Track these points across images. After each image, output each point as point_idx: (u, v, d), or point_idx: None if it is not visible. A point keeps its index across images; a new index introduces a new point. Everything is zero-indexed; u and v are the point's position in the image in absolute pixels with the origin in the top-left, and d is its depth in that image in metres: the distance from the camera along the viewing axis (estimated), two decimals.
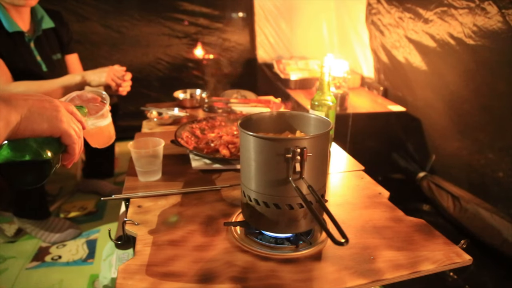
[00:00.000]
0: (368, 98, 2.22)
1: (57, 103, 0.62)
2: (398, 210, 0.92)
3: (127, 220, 0.86)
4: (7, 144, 0.57)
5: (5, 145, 0.57)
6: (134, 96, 1.80)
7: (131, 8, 2.78)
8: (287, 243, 0.78)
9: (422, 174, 1.91)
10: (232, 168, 1.13)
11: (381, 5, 2.09)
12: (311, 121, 0.83)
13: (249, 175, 0.74)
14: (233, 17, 3.06)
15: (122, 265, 0.71)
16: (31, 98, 0.59)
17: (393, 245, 0.78)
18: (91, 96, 0.90)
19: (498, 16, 1.32)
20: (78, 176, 2.24)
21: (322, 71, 1.11)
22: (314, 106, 1.16)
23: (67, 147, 0.64)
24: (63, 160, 0.66)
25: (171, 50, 2.95)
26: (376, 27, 2.18)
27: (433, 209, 1.82)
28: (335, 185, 1.07)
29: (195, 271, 0.70)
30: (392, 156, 2.11)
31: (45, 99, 0.61)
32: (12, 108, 0.55)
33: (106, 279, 1.32)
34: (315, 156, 0.71)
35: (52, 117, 0.60)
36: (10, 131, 0.54)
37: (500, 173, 1.45)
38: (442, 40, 1.64)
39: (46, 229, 1.75)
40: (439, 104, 1.76)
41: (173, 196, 0.98)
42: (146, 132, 1.50)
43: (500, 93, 1.43)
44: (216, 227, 0.84)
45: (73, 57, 1.89)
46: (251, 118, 0.83)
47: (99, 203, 2.07)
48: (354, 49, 2.52)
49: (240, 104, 1.79)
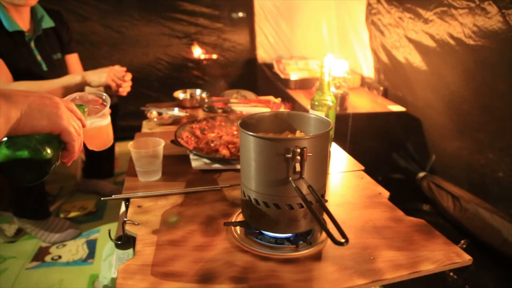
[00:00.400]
0: (368, 98, 2.22)
1: (57, 100, 0.62)
2: (398, 210, 0.92)
3: (127, 220, 0.86)
4: (7, 141, 0.57)
5: (5, 141, 0.57)
6: (134, 96, 1.80)
7: (131, 8, 2.78)
8: (287, 243, 0.78)
9: (422, 174, 1.91)
10: (232, 168, 1.13)
11: (381, 5, 2.09)
12: (311, 121, 0.83)
13: (249, 175, 0.74)
14: (233, 17, 3.06)
15: (122, 265, 0.71)
16: (31, 94, 0.59)
17: (393, 245, 0.78)
18: (92, 98, 0.91)
19: (498, 16, 1.32)
20: (78, 176, 2.24)
21: (322, 71, 1.11)
22: (314, 106, 1.16)
23: (67, 144, 0.64)
24: (62, 157, 0.66)
25: (171, 50, 2.95)
26: (376, 27, 2.18)
27: (433, 209, 1.82)
28: (335, 185, 1.07)
29: (195, 271, 0.70)
30: (392, 156, 2.11)
31: (45, 96, 0.61)
32: (12, 104, 0.55)
33: (106, 279, 1.32)
34: (315, 156, 0.71)
35: (52, 114, 0.60)
36: (10, 127, 0.55)
37: (500, 173, 1.45)
38: (442, 40, 1.64)
39: (46, 229, 1.75)
40: (439, 104, 1.76)
41: (173, 196, 0.98)
42: (146, 132, 1.50)
43: (500, 93, 1.43)
44: (216, 227, 0.84)
45: (73, 57, 1.89)
46: (251, 118, 0.83)
47: (99, 203, 2.07)
48: (354, 49, 2.52)
49: (240, 104, 1.79)
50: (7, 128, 0.54)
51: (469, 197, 1.61)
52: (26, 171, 0.59)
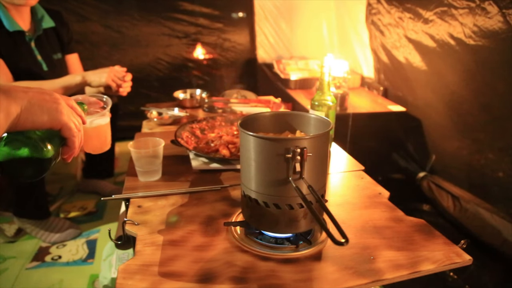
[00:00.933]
0: (368, 98, 2.22)
1: (56, 95, 0.62)
2: (398, 210, 0.92)
3: (127, 220, 0.86)
4: (7, 138, 0.57)
5: (5, 138, 0.57)
6: (134, 96, 1.80)
7: (131, 8, 2.78)
8: (287, 243, 0.78)
9: (422, 174, 1.91)
10: (232, 168, 1.13)
11: (381, 5, 2.08)
12: (311, 121, 0.83)
13: (249, 175, 0.74)
14: (233, 17, 3.06)
15: (122, 265, 0.71)
16: (31, 90, 0.59)
17: (393, 245, 0.78)
18: (93, 100, 0.91)
19: (499, 16, 1.32)
20: (78, 176, 2.24)
21: (322, 71, 1.11)
22: (314, 106, 1.16)
23: (67, 140, 0.64)
24: (63, 153, 0.65)
25: (171, 50, 2.95)
26: (376, 27, 2.18)
27: (433, 209, 1.82)
28: (335, 185, 1.07)
29: (195, 271, 0.70)
30: (392, 156, 2.11)
31: (45, 91, 0.61)
32: (12, 100, 0.55)
33: (106, 279, 1.32)
34: (315, 156, 0.71)
35: (52, 109, 0.60)
36: (11, 122, 0.54)
37: (500, 173, 1.45)
38: (442, 40, 1.64)
39: (46, 229, 1.75)
40: (439, 104, 1.76)
41: (173, 196, 0.98)
42: (146, 132, 1.50)
43: (500, 93, 1.43)
44: (216, 227, 0.84)
45: (73, 57, 1.89)
46: (251, 118, 0.83)
47: (99, 203, 2.07)
48: (354, 49, 2.52)
49: (240, 104, 1.79)
50: (7, 124, 0.54)
51: (469, 197, 1.61)
52: (26, 167, 0.59)
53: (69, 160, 0.67)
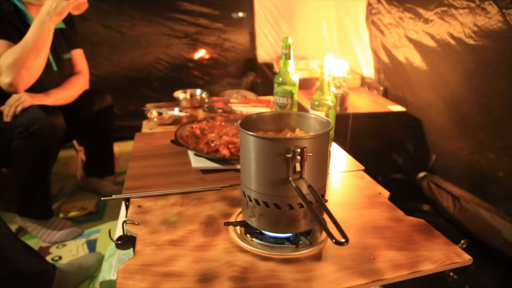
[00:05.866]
0: (368, 98, 2.22)
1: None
2: (398, 210, 0.92)
3: (127, 220, 0.86)
4: None
5: None
6: (134, 96, 1.80)
7: (131, 8, 2.77)
8: (287, 243, 0.78)
9: (422, 174, 1.91)
10: (232, 168, 1.13)
11: (381, 5, 2.08)
12: (311, 121, 0.83)
13: (249, 175, 0.74)
14: (233, 17, 3.06)
15: (122, 265, 0.71)
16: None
17: (393, 245, 0.78)
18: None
19: (499, 16, 1.32)
20: (78, 176, 2.24)
21: (322, 71, 1.12)
22: (314, 106, 1.16)
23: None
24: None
25: (171, 50, 2.95)
26: (376, 27, 2.18)
27: (433, 209, 1.82)
28: (335, 185, 1.07)
29: (195, 271, 0.70)
30: (392, 156, 2.11)
31: None
32: None
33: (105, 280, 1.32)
34: (315, 156, 0.71)
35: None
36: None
37: (500, 173, 1.45)
38: (442, 40, 1.64)
39: (47, 229, 1.75)
40: (439, 104, 1.76)
41: (173, 196, 0.98)
42: (146, 132, 1.50)
43: (500, 93, 1.43)
44: (216, 227, 0.84)
45: (78, 52, 1.95)
46: (251, 118, 0.83)
47: (99, 203, 2.07)
48: (354, 49, 2.52)
49: (240, 104, 1.79)
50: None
51: (469, 197, 1.61)
52: None
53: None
